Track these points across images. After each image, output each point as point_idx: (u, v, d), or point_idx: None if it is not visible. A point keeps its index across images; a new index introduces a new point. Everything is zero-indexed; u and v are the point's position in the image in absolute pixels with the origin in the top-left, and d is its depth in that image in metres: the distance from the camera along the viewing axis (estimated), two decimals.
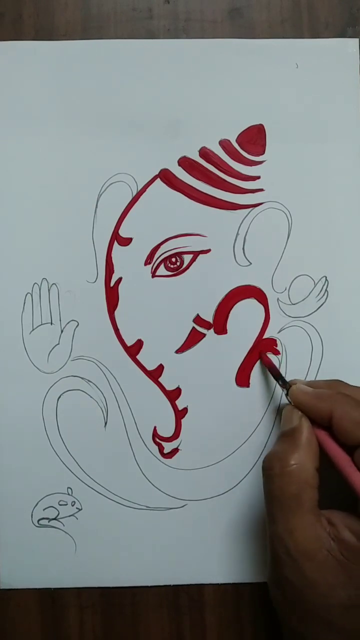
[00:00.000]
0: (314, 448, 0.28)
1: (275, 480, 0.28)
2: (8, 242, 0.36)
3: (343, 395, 0.29)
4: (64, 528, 0.35)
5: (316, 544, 0.26)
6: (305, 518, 0.27)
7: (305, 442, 0.28)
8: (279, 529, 0.27)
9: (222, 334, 0.36)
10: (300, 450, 0.28)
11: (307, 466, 0.28)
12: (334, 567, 0.26)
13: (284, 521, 0.27)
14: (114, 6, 0.37)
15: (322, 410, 0.29)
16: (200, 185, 0.36)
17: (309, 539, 0.26)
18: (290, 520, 0.27)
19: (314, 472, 0.28)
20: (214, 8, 0.37)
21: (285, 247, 0.36)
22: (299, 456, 0.28)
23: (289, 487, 0.27)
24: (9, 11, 0.36)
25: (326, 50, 0.36)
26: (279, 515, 0.27)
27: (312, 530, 0.27)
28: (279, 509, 0.27)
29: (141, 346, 0.36)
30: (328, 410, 0.28)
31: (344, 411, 0.28)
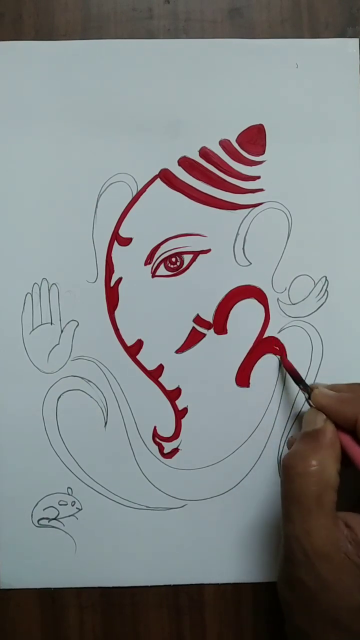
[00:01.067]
0: (336, 450, 0.28)
1: (296, 479, 0.27)
2: (8, 242, 0.36)
3: None
4: (64, 528, 0.35)
5: (334, 546, 0.26)
6: (324, 520, 0.26)
7: (328, 443, 0.28)
8: (297, 529, 0.27)
9: (222, 334, 0.36)
10: (323, 451, 0.28)
11: (329, 467, 0.27)
12: (351, 569, 0.26)
13: (301, 521, 0.27)
14: (114, 6, 0.37)
15: (346, 413, 0.28)
16: (200, 185, 0.36)
17: (327, 541, 0.26)
18: (309, 521, 0.27)
19: (335, 474, 0.27)
20: (214, 8, 0.37)
21: (285, 247, 0.36)
22: (321, 457, 0.27)
23: (309, 488, 0.27)
24: (9, 11, 0.36)
25: (326, 50, 0.36)
26: (297, 515, 0.27)
27: (330, 532, 0.26)
28: (298, 508, 0.27)
29: (141, 346, 0.36)
30: (353, 414, 0.28)
31: None
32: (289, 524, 0.27)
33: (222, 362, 0.36)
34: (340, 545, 0.26)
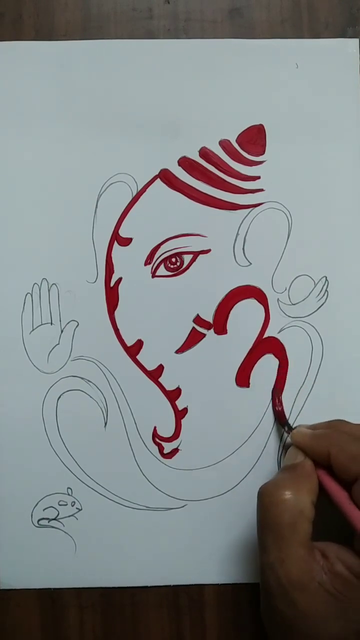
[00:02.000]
0: (312, 482, 0.29)
1: (270, 508, 0.28)
2: (8, 242, 0.36)
3: (339, 433, 0.30)
4: (63, 528, 0.35)
5: (308, 576, 0.26)
6: (298, 549, 0.27)
7: (304, 475, 0.29)
8: (271, 558, 0.27)
9: (222, 334, 0.36)
10: (298, 482, 0.28)
11: (304, 498, 0.28)
12: (326, 599, 0.26)
13: (276, 551, 0.27)
14: (114, 6, 0.37)
15: (320, 449, 0.29)
16: (200, 185, 0.36)
17: (301, 570, 0.26)
18: (283, 550, 0.27)
19: (310, 505, 0.28)
20: (214, 8, 0.37)
21: (285, 247, 0.36)
22: (296, 487, 0.28)
23: (283, 516, 0.27)
24: (9, 11, 0.36)
25: (326, 50, 0.36)
26: (272, 544, 0.27)
27: (304, 561, 0.27)
28: (272, 538, 0.27)
29: (141, 346, 0.36)
30: (325, 449, 0.29)
31: (339, 447, 0.28)
32: (264, 554, 0.28)
33: (222, 362, 0.36)
34: (315, 575, 0.26)
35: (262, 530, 0.28)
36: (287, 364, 0.36)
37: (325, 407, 0.36)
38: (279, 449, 0.35)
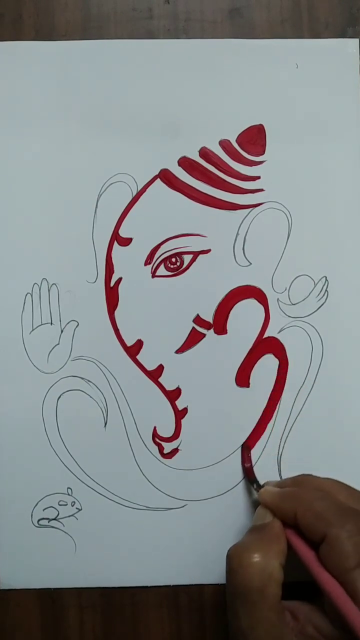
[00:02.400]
0: (281, 544, 0.28)
1: (239, 572, 0.27)
2: (8, 242, 0.36)
3: (305, 491, 0.29)
4: (63, 528, 0.35)
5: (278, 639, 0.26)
6: (268, 614, 0.26)
7: (273, 537, 0.28)
8: (242, 624, 0.27)
9: (222, 334, 0.36)
10: (267, 544, 0.28)
11: (272, 561, 0.27)
12: None
13: (245, 615, 0.27)
14: (114, 6, 0.37)
15: (286, 509, 0.28)
16: (200, 185, 0.36)
17: (272, 636, 0.26)
18: (253, 616, 0.26)
19: (278, 567, 0.27)
20: (214, 8, 0.37)
21: (285, 247, 0.36)
22: (265, 549, 0.27)
23: (252, 581, 0.27)
24: (9, 11, 0.36)
25: (326, 50, 0.36)
26: (241, 609, 0.27)
27: (274, 626, 0.26)
28: (242, 602, 0.27)
29: (141, 346, 0.36)
30: (292, 509, 0.28)
31: (305, 507, 0.28)
32: (234, 618, 0.27)
33: (222, 362, 0.36)
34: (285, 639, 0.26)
35: (231, 594, 0.28)
36: (287, 364, 0.36)
37: (325, 408, 0.36)
38: (279, 449, 0.35)
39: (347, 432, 0.36)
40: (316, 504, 0.27)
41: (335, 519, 0.26)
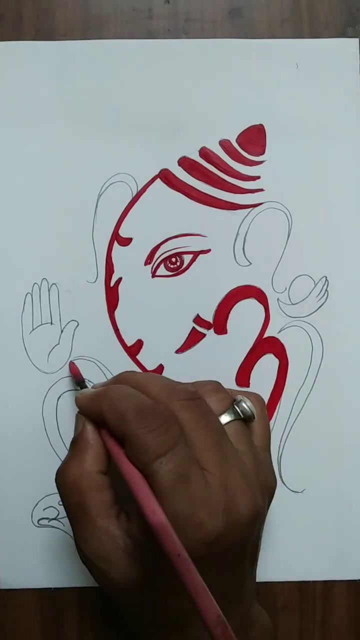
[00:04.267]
0: (94, 451, 0.27)
1: (61, 493, 0.27)
2: (8, 242, 0.36)
3: (112, 389, 0.28)
4: (64, 528, 0.35)
5: (110, 546, 0.26)
6: (94, 523, 0.26)
7: (84, 446, 0.28)
8: (76, 537, 0.27)
9: (222, 334, 0.36)
10: (80, 456, 0.27)
11: (88, 471, 0.27)
12: (131, 564, 0.26)
13: (77, 530, 0.27)
14: (114, 6, 0.37)
15: (95, 410, 0.27)
16: (200, 185, 0.36)
17: (102, 543, 0.26)
18: (81, 528, 0.26)
19: (96, 474, 0.27)
20: (214, 8, 0.37)
21: (285, 247, 0.36)
22: (78, 462, 0.27)
23: (72, 497, 0.27)
24: (9, 11, 0.36)
25: (326, 50, 0.36)
26: (73, 525, 0.27)
27: (103, 533, 0.26)
28: (71, 520, 0.27)
29: (141, 346, 0.36)
30: (100, 409, 0.27)
31: (108, 406, 0.27)
32: (74, 538, 0.27)
33: (222, 362, 0.36)
34: (118, 544, 0.26)
35: (65, 513, 0.28)
36: (287, 364, 0.36)
37: (325, 407, 0.36)
38: (279, 449, 0.35)
39: (347, 432, 0.36)
40: (118, 403, 0.26)
41: (133, 417, 0.25)
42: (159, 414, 0.25)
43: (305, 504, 0.35)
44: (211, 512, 0.24)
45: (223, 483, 0.25)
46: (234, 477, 0.26)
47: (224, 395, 0.29)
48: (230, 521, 0.25)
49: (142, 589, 0.26)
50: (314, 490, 0.35)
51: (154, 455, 0.24)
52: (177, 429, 0.25)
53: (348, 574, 0.36)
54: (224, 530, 0.25)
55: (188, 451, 0.25)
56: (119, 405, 0.26)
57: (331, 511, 0.35)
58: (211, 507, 0.25)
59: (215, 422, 0.27)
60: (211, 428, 0.26)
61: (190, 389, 0.28)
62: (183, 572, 0.22)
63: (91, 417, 0.28)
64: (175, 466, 0.24)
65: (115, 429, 0.26)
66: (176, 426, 0.25)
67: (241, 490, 0.26)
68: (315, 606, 0.36)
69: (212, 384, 0.29)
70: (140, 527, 0.26)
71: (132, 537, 0.26)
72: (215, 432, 0.26)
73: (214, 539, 0.24)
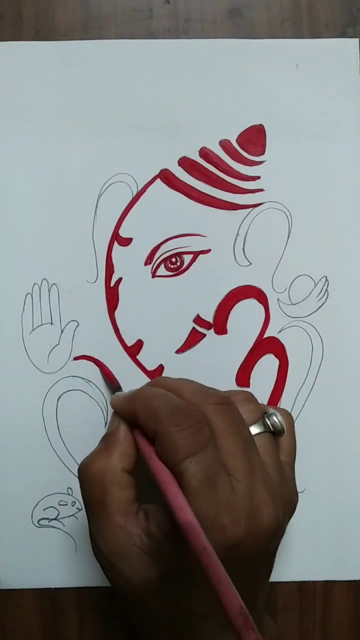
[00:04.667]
0: (123, 447, 0.28)
1: (82, 485, 0.27)
2: (8, 242, 0.36)
3: (146, 390, 0.28)
4: (64, 528, 0.35)
5: (127, 543, 0.26)
6: (112, 519, 0.26)
7: (115, 442, 0.28)
8: (92, 532, 0.27)
9: (222, 334, 0.36)
10: (108, 451, 0.28)
11: (113, 467, 0.27)
12: (146, 562, 0.26)
13: (93, 524, 0.27)
14: (114, 6, 0.37)
15: (129, 410, 0.28)
16: (200, 185, 0.36)
17: (119, 539, 0.26)
18: (99, 523, 0.27)
19: (120, 471, 0.27)
20: (214, 8, 0.37)
21: (285, 247, 0.36)
22: (105, 457, 0.27)
23: (93, 491, 0.27)
24: (9, 11, 0.36)
25: (326, 50, 0.36)
26: (90, 518, 0.27)
27: (121, 530, 0.26)
28: (89, 512, 0.27)
29: (141, 346, 0.36)
30: (133, 409, 0.27)
31: (142, 406, 0.27)
32: (89, 529, 0.27)
33: (222, 362, 0.36)
34: (134, 541, 0.26)
35: (84, 507, 0.28)
36: (287, 364, 0.36)
37: (325, 407, 0.36)
38: None
39: (347, 432, 0.36)
40: (151, 402, 0.27)
41: (165, 416, 0.26)
42: (191, 414, 0.26)
43: (305, 504, 0.35)
44: (234, 518, 0.25)
45: (248, 491, 0.25)
46: (259, 486, 0.26)
47: (256, 407, 0.29)
48: (252, 529, 0.25)
49: (155, 589, 0.26)
50: (314, 490, 0.36)
51: (184, 454, 0.25)
52: (208, 431, 0.26)
53: (348, 574, 0.36)
54: (245, 538, 0.25)
55: (217, 455, 0.25)
56: (152, 404, 0.27)
57: (331, 511, 0.35)
58: (235, 513, 0.25)
59: (245, 430, 0.27)
60: (241, 435, 0.27)
61: (222, 394, 0.28)
62: (208, 564, 0.22)
63: (125, 417, 0.28)
64: (203, 468, 0.24)
65: (147, 427, 0.26)
66: (207, 428, 0.26)
67: (265, 500, 0.26)
68: (315, 606, 0.36)
69: (245, 394, 0.30)
70: (160, 526, 0.26)
71: (150, 536, 0.26)
72: (244, 440, 0.27)
73: (234, 545, 0.24)
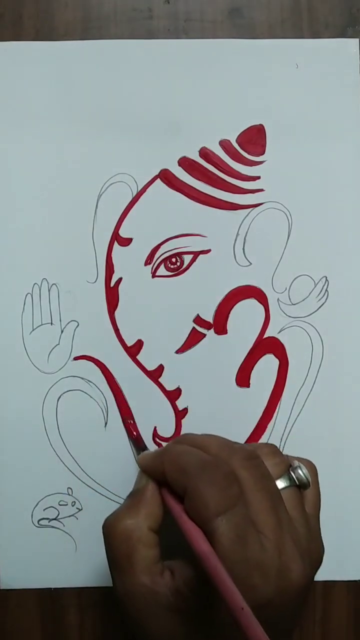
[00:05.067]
0: (151, 506, 0.28)
1: (108, 542, 0.27)
2: (8, 242, 0.36)
3: (174, 446, 0.28)
4: (64, 528, 0.35)
5: (154, 603, 0.26)
6: (139, 578, 0.26)
7: (142, 500, 0.28)
8: (118, 589, 0.27)
9: (222, 334, 0.36)
10: (136, 508, 0.28)
11: (140, 526, 0.27)
12: (174, 620, 0.26)
13: (119, 582, 0.27)
14: (114, 6, 0.37)
15: (156, 467, 0.28)
16: (200, 185, 0.36)
17: (146, 600, 0.26)
18: (126, 582, 0.26)
19: (147, 530, 0.27)
20: (214, 8, 0.37)
21: (285, 247, 0.36)
22: (133, 514, 0.27)
23: (120, 549, 0.27)
24: (9, 11, 0.36)
25: (326, 50, 0.36)
26: (116, 576, 0.27)
27: (147, 589, 0.26)
28: (114, 569, 0.27)
29: (141, 346, 0.36)
30: (161, 466, 0.27)
31: (170, 463, 0.27)
32: (114, 585, 0.27)
33: (222, 362, 0.36)
34: (161, 600, 0.26)
35: (108, 562, 0.28)
36: (287, 364, 0.36)
37: (325, 407, 0.36)
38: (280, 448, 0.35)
39: (347, 432, 0.36)
40: (179, 459, 0.27)
41: (195, 472, 0.26)
42: (220, 469, 0.26)
43: None
44: (264, 577, 0.25)
45: (277, 548, 0.25)
46: (287, 543, 0.26)
47: (281, 460, 0.29)
48: (281, 588, 0.25)
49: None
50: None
51: (215, 512, 0.25)
52: (237, 487, 0.26)
53: (348, 574, 0.36)
54: (274, 596, 0.25)
55: (246, 512, 0.25)
56: (180, 460, 0.27)
57: (331, 511, 0.35)
58: (265, 572, 0.25)
59: (272, 486, 0.27)
60: (268, 491, 0.27)
61: (248, 448, 0.28)
62: (247, 625, 0.22)
63: (153, 475, 0.28)
64: (234, 526, 0.24)
65: (176, 483, 0.26)
66: (236, 484, 0.26)
67: (293, 557, 0.26)
68: (315, 606, 0.36)
69: (270, 447, 0.30)
70: (187, 583, 0.26)
71: (177, 594, 0.26)
72: (272, 496, 0.27)
73: (265, 604, 0.24)
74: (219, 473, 0.26)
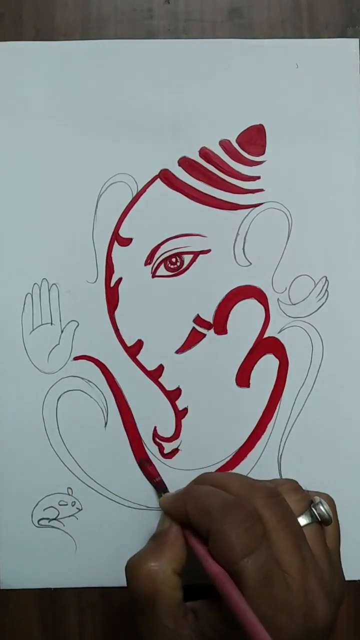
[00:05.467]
0: (175, 549, 0.28)
1: (132, 584, 0.27)
2: (8, 242, 0.36)
3: (194, 488, 0.29)
4: (64, 528, 0.35)
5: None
6: (163, 620, 0.26)
7: (166, 543, 0.28)
8: (141, 630, 0.27)
9: (222, 334, 0.36)
10: (159, 552, 0.28)
11: (164, 568, 0.27)
12: None
13: (143, 624, 0.27)
14: (114, 6, 0.37)
15: (179, 509, 0.28)
16: (200, 185, 0.36)
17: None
18: (148, 624, 0.27)
19: (171, 573, 0.27)
20: (214, 8, 0.37)
21: (285, 247, 0.36)
22: (157, 557, 0.27)
23: (143, 590, 0.27)
24: (9, 11, 0.36)
25: (326, 50, 0.36)
26: (139, 617, 0.27)
27: (171, 632, 0.26)
28: (138, 611, 0.27)
29: (141, 346, 0.36)
30: (184, 508, 0.28)
31: (192, 504, 0.27)
32: (136, 626, 0.27)
33: (222, 362, 0.36)
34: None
35: (131, 604, 0.28)
36: (287, 364, 0.36)
37: (325, 407, 0.36)
38: (279, 449, 0.35)
39: (347, 432, 0.36)
40: (202, 500, 0.27)
41: (218, 513, 0.26)
42: (243, 509, 0.26)
43: None
44: (291, 617, 0.25)
45: (303, 587, 0.25)
46: (312, 582, 0.26)
47: (302, 496, 0.29)
48: (308, 627, 0.25)
49: None
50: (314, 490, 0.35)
51: (241, 554, 0.25)
52: (261, 527, 0.26)
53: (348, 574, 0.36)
54: (301, 636, 0.25)
55: (270, 552, 0.25)
56: (203, 502, 0.27)
57: None
58: (291, 612, 0.25)
59: (295, 524, 0.27)
60: (291, 529, 0.27)
61: (269, 486, 0.28)
62: None
63: (175, 517, 0.29)
64: (259, 567, 0.25)
65: (199, 525, 0.27)
66: (260, 524, 0.26)
67: (318, 596, 0.26)
68: None
69: (290, 483, 0.30)
70: (212, 625, 0.26)
71: (200, 636, 0.26)
72: (295, 534, 0.27)
73: None
74: (242, 513, 0.26)
